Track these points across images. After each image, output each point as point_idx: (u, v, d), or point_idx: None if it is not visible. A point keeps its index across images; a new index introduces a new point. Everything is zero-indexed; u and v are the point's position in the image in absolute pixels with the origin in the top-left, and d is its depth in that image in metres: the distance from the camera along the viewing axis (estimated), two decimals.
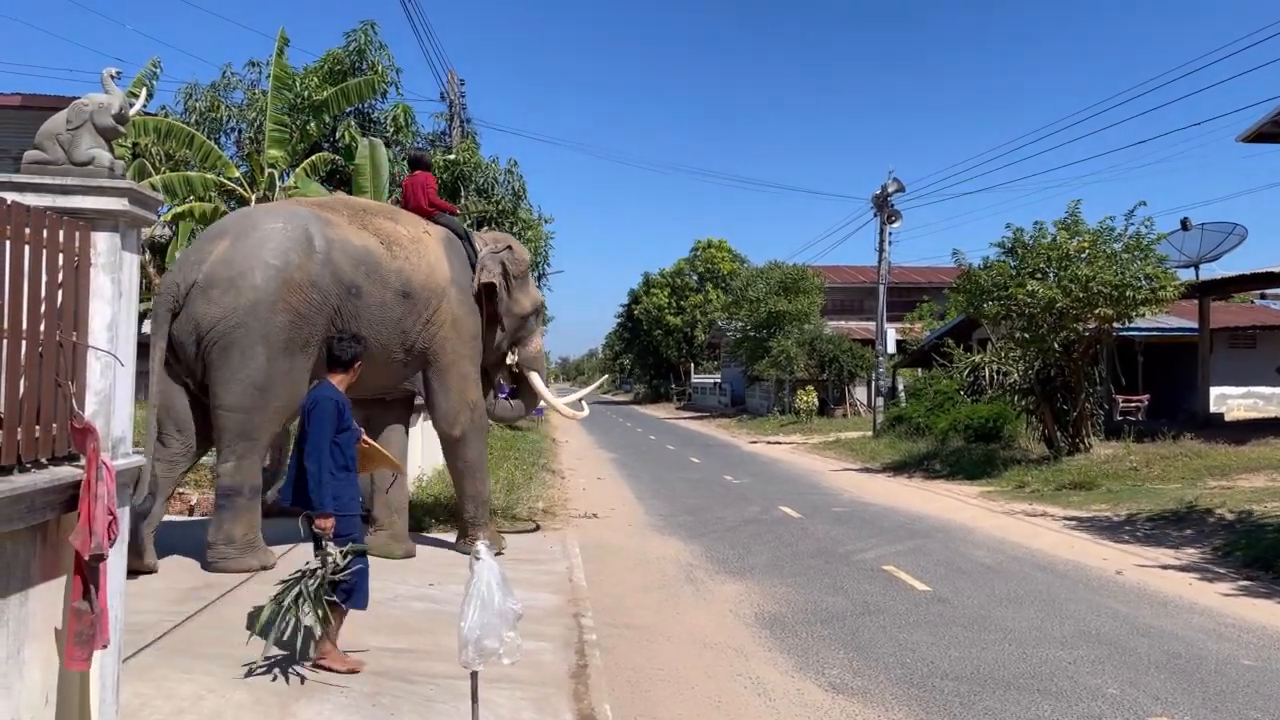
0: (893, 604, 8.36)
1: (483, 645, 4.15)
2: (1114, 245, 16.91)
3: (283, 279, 8.02)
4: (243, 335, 7.85)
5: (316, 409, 5.55)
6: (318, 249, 8.31)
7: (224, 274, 7.85)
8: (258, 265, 7.95)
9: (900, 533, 12.25)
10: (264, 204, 9.73)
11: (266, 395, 8.04)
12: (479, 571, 4.25)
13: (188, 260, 8.12)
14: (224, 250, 7.98)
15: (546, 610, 8.02)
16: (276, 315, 8.00)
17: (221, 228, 8.47)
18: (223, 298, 7.81)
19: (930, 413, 24.58)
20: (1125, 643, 7.10)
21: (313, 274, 8.19)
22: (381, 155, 17.09)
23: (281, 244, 8.12)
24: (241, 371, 7.90)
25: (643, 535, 12.09)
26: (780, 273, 43.13)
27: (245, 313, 7.84)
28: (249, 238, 8.09)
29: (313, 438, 5.49)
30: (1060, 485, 15.89)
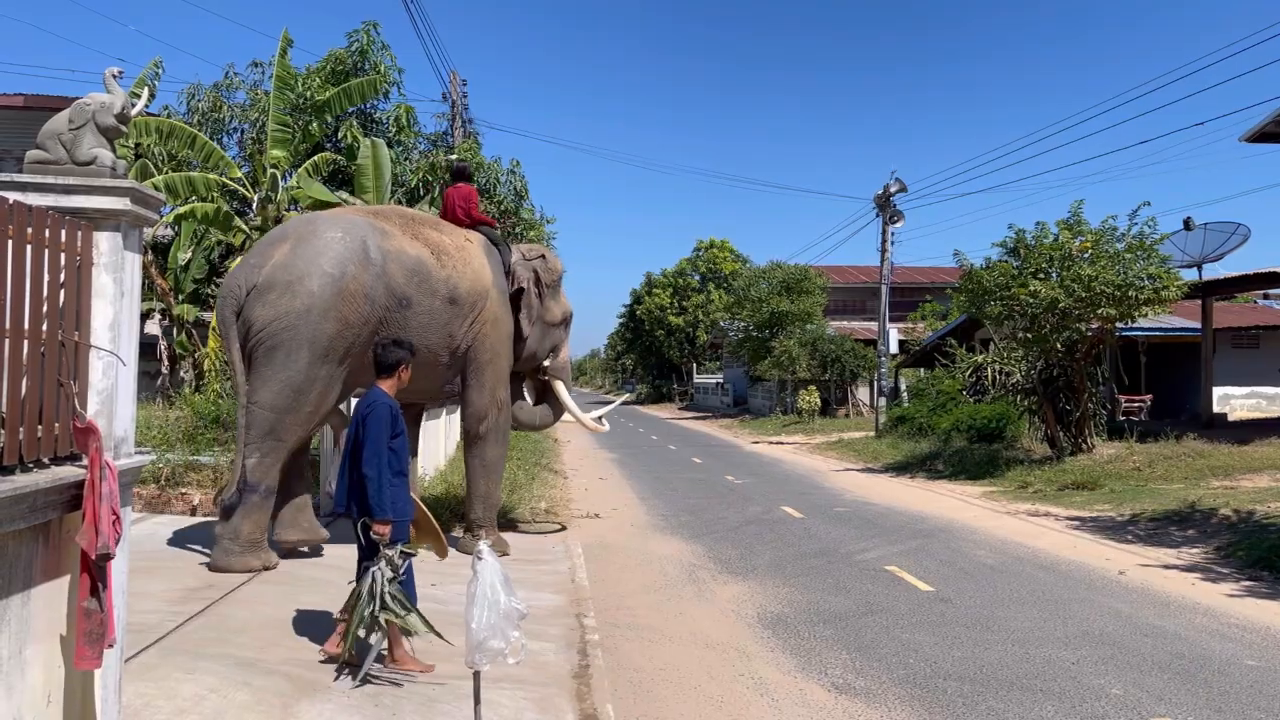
0: (895, 604, 8.35)
1: (488, 646, 4.14)
2: (1117, 245, 16.88)
3: (338, 288, 8.26)
4: (290, 337, 8.09)
5: (372, 414, 5.57)
6: (373, 260, 8.58)
7: (282, 278, 8.14)
8: (315, 272, 8.20)
9: (903, 533, 12.24)
10: (324, 211, 9.83)
11: (301, 398, 8.23)
12: (481, 572, 4.25)
13: (248, 264, 8.37)
14: (284, 255, 8.25)
15: (549, 610, 8.02)
16: (326, 323, 8.23)
17: (282, 233, 8.70)
18: (278, 301, 8.09)
19: (933, 413, 24.55)
20: (1128, 643, 7.09)
21: (367, 285, 8.47)
22: (383, 155, 17.09)
23: (339, 254, 8.37)
24: (283, 373, 8.10)
25: (645, 535, 12.09)
26: (782, 273, 43.12)
27: (297, 316, 8.09)
28: (309, 244, 8.35)
29: (371, 443, 5.51)
30: (1063, 485, 15.87)
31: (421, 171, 18.67)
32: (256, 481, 8.22)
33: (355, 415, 5.72)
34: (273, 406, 8.16)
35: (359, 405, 5.79)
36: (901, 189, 28.12)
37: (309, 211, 17.17)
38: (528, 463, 18.41)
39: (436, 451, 15.94)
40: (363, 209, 10.14)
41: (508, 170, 21.10)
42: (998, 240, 18.16)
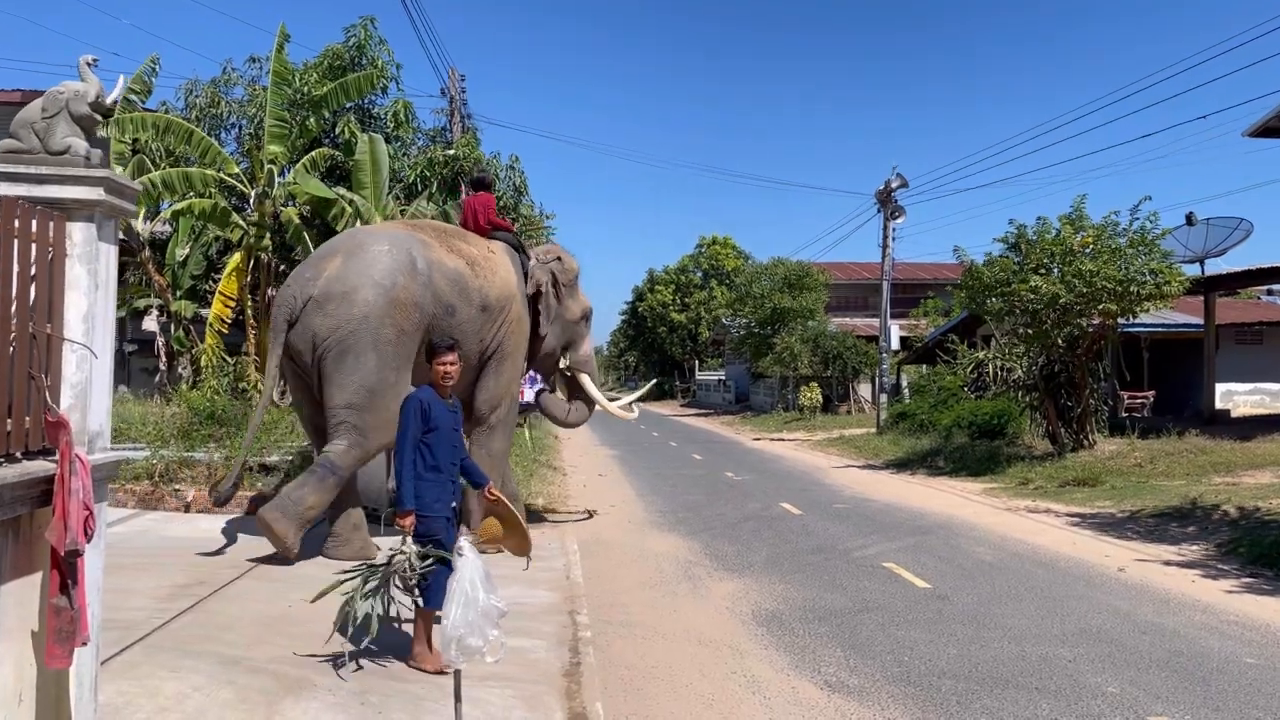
0: (892, 601, 8.28)
1: (466, 644, 4.07)
2: (1119, 240, 16.77)
3: (390, 298, 8.64)
4: (355, 342, 8.47)
5: (401, 408, 5.73)
6: (420, 270, 8.98)
7: (338, 289, 8.52)
8: (368, 283, 8.59)
9: (901, 530, 12.16)
10: (368, 227, 10.30)
11: (376, 398, 8.55)
12: (461, 568, 4.18)
13: (302, 277, 8.72)
14: (336, 268, 8.63)
15: (542, 607, 7.95)
16: (385, 329, 8.63)
17: (332, 248, 9.07)
18: (337, 310, 8.47)
19: (934, 409, 24.46)
20: (1126, 640, 7.01)
21: (416, 294, 8.85)
22: (381, 151, 17.02)
23: (389, 266, 8.76)
24: (355, 375, 8.47)
25: (642, 532, 12.02)
26: (784, 269, 43.00)
27: (358, 322, 8.47)
28: (359, 258, 8.73)
29: (397, 436, 5.66)
30: (1064, 482, 15.79)
31: (420, 167, 18.60)
32: (338, 465, 8.49)
33: None
34: (350, 405, 8.50)
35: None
36: (903, 184, 28.00)
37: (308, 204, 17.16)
38: (526, 459, 18.33)
39: None
40: (401, 223, 10.41)
41: (507, 166, 21.01)
42: (999, 235, 18.07)
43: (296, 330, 8.53)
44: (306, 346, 8.52)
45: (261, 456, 11.74)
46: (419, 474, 5.62)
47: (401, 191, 18.52)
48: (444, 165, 18.45)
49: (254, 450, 11.81)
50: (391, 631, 6.60)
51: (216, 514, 10.76)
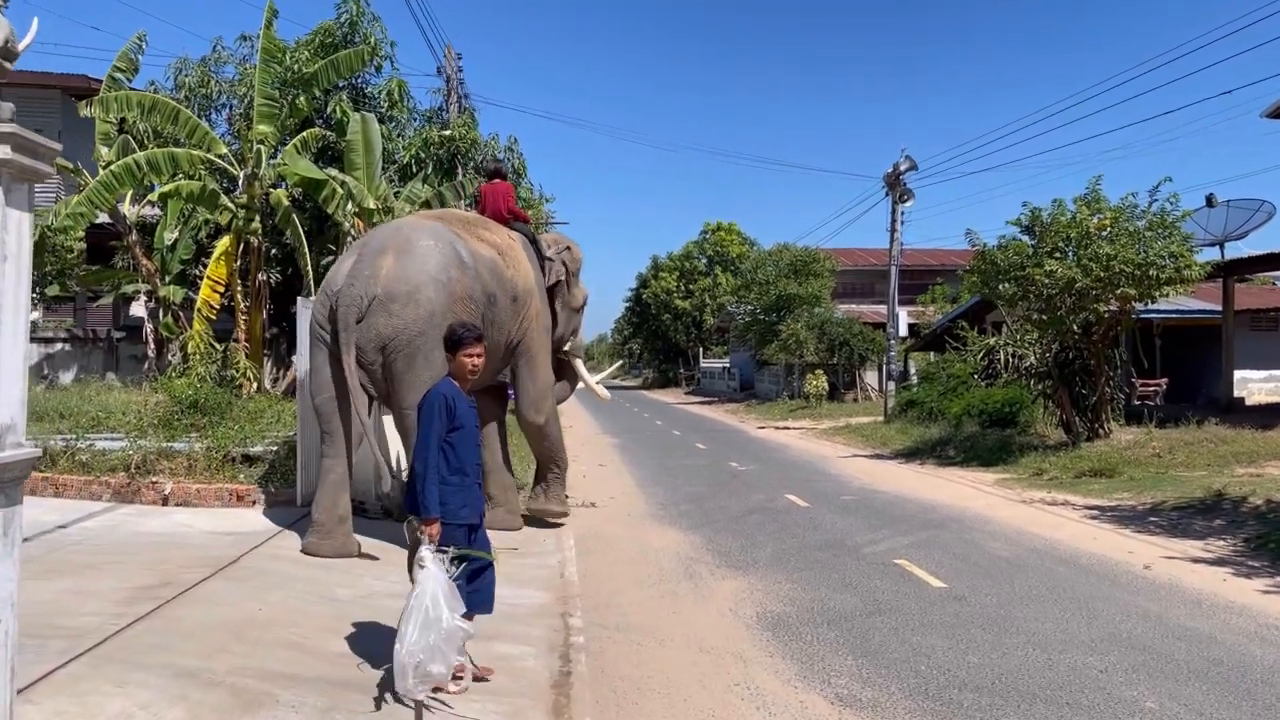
0: (905, 603, 7.78)
1: (426, 670, 3.57)
2: (1137, 223, 16.19)
3: (449, 292, 8.91)
4: (424, 342, 8.62)
5: (423, 404, 5.26)
6: (467, 263, 9.28)
7: (401, 289, 8.68)
8: (428, 281, 8.80)
9: (913, 523, 11.65)
10: (404, 220, 10.19)
11: None
12: (423, 582, 3.66)
13: (362, 275, 8.76)
14: (393, 267, 8.77)
15: (532, 609, 7.47)
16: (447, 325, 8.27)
17: (380, 244, 9.07)
18: (404, 310, 8.64)
19: (943, 397, 23.91)
20: (1160, 647, 6.50)
21: (468, 287, 9.17)
22: (374, 130, 16.47)
23: (441, 261, 9.00)
24: (426, 374, 8.48)
25: (642, 525, 11.53)
26: (790, 255, 42.40)
27: (425, 322, 8.66)
28: (411, 254, 8.89)
29: (419, 436, 5.19)
30: (1080, 473, 15.26)
31: (414, 148, 18.04)
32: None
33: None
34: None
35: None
36: (912, 167, 27.38)
37: (298, 185, 16.62)
38: (524, 448, 17.80)
39: None
40: (428, 215, 10.50)
41: (505, 147, 20.45)
42: (1012, 218, 17.48)
43: (361, 328, 8.65)
44: (371, 345, 8.69)
45: (245, 447, 11.26)
46: (442, 478, 5.15)
47: (396, 173, 17.98)
48: (439, 146, 17.90)
49: (236, 441, 11.36)
50: (370, 638, 6.12)
51: (197, 507, 10.30)
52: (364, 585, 7.77)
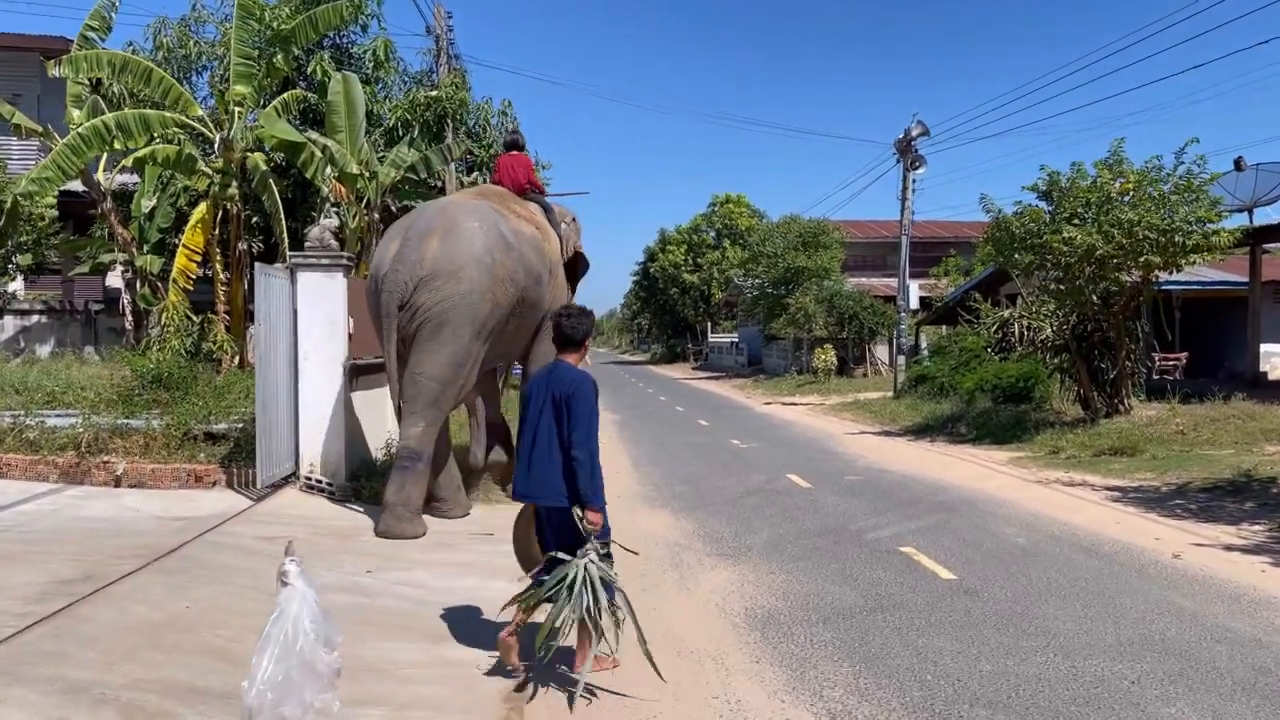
0: (911, 597, 7.03)
1: (280, 714, 2.82)
2: (1162, 186, 15.28)
3: (492, 274, 8.97)
4: (454, 316, 8.75)
5: (578, 393, 5.15)
6: (512, 245, 9.37)
7: (446, 267, 8.77)
8: (471, 262, 8.86)
9: (921, 506, 10.91)
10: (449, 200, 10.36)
11: (460, 371, 8.96)
12: (284, 602, 2.92)
13: (408, 260, 8.77)
14: (438, 247, 8.82)
15: (497, 603, 6.75)
16: (483, 304, 8.95)
17: (426, 226, 9.04)
18: (444, 286, 8.72)
19: (955, 372, 23.09)
20: (1198, 652, 5.74)
21: (511, 269, 9.24)
22: (356, 91, 15.66)
23: (486, 243, 9.03)
24: (449, 347, 8.76)
25: (631, 508, 10.80)
26: (799, 227, 41.44)
27: (461, 298, 8.75)
28: (457, 236, 8.94)
29: (584, 424, 5.12)
30: (1099, 451, 14.45)
31: (400, 110, 17.21)
32: (422, 450, 8.78)
33: (545, 393, 5.24)
34: (438, 378, 8.79)
35: (552, 382, 5.26)
36: (924, 133, 26.39)
37: (277, 149, 15.85)
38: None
39: None
40: (469, 192, 10.60)
41: (499, 111, 19.64)
42: (1029, 184, 16.57)
43: (405, 311, 8.74)
44: (408, 318, 8.76)
45: (208, 424, 10.57)
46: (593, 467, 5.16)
47: (381, 137, 17.18)
48: (426, 107, 17.06)
49: (199, 417, 10.68)
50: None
51: (151, 489, 9.64)
52: (314, 578, 7.05)
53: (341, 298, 10.32)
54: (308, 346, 10.19)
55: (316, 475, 10.10)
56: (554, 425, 5.16)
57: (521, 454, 5.33)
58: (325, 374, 10.24)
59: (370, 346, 11.84)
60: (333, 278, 10.26)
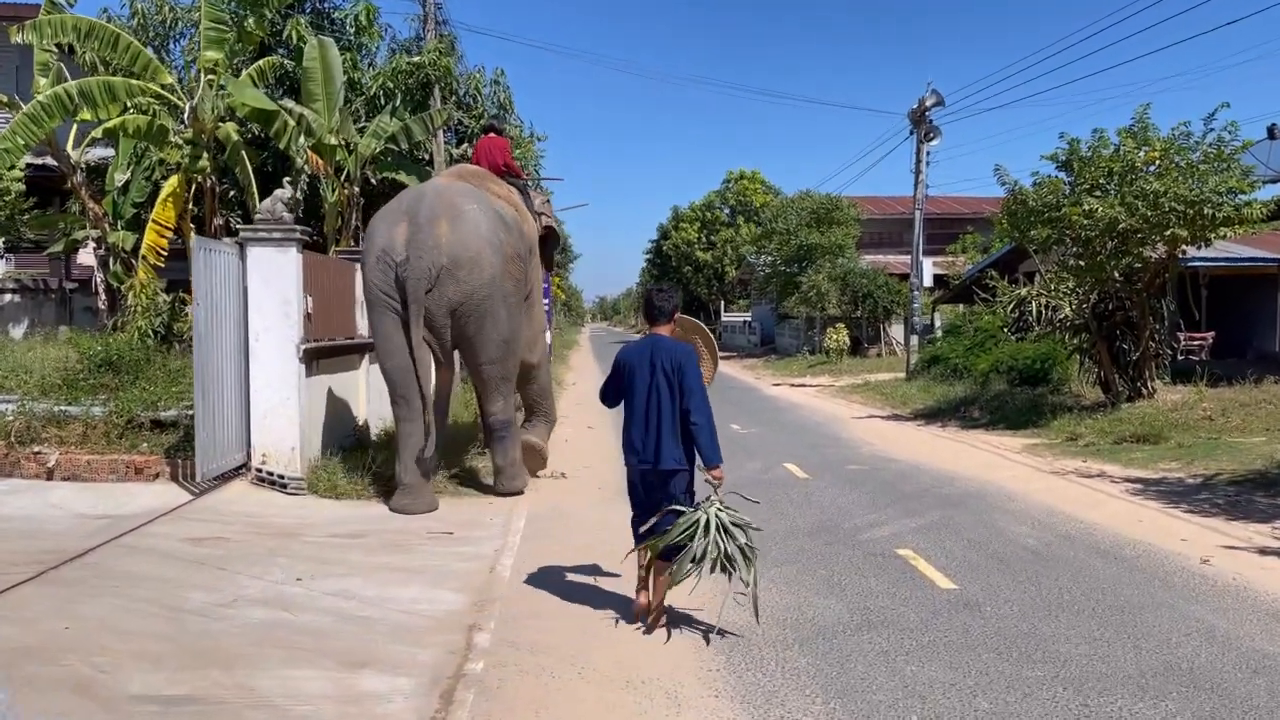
0: (904, 612, 6.22)
1: None
2: (1190, 155, 14.28)
3: (503, 255, 9.53)
4: (491, 304, 9.37)
5: (689, 362, 5.64)
6: (510, 224, 10.00)
7: (464, 255, 9.14)
8: (485, 246, 9.31)
9: (925, 500, 10.08)
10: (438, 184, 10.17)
11: (511, 345, 9.84)
12: None
13: (425, 246, 9.02)
14: (450, 233, 9.15)
15: (435, 619, 6.00)
16: (504, 284, 9.57)
17: (431, 212, 9.22)
18: (469, 276, 9.17)
19: (969, 352, 22.13)
20: (1234, 687, 4.91)
21: (515, 246, 9.93)
22: (334, 57, 14.84)
23: (491, 225, 9.51)
24: (495, 332, 9.49)
25: (610, 502, 10.00)
26: (812, 202, 40.37)
27: (489, 285, 9.32)
28: (464, 220, 9.30)
29: (698, 391, 5.62)
30: (1120, 438, 13.55)
31: (382, 78, 16.35)
32: (511, 418, 9.98)
33: (650, 366, 5.68)
34: (497, 359, 9.63)
35: (656, 355, 5.70)
36: (939, 102, 25.29)
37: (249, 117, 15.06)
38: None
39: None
40: (449, 173, 10.86)
41: (491, 80, 18.76)
42: (1047, 153, 15.57)
43: (432, 295, 9.03)
44: (441, 311, 9.14)
45: (155, 411, 9.84)
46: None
47: (364, 105, 16.34)
48: (409, 75, 16.20)
49: (146, 404, 9.96)
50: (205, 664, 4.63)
51: (86, 481, 8.94)
52: (234, 587, 6.33)
53: (296, 274, 9.55)
54: (259, 327, 9.45)
55: (269, 467, 9.37)
56: (669, 395, 5.63)
57: (635, 424, 5.75)
58: (279, 357, 9.49)
59: (334, 328, 11.08)
60: (285, 253, 9.49)
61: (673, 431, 5.62)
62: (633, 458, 5.78)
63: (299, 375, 9.54)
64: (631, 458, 5.79)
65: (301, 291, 9.62)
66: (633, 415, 5.75)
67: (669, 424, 5.62)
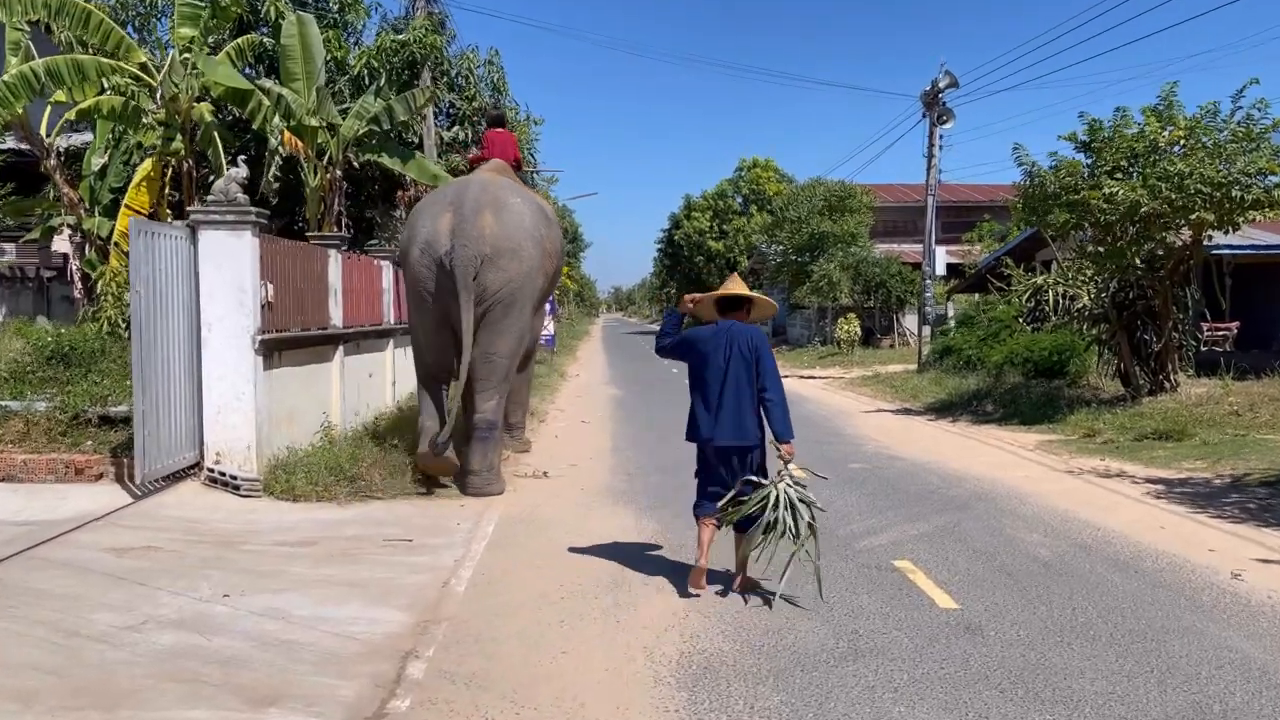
0: (897, 637, 5.52)
1: None
2: (1217, 135, 13.46)
3: (542, 249, 9.67)
4: (520, 296, 9.40)
5: (764, 345, 6.14)
6: (550, 219, 10.28)
7: (507, 246, 9.24)
8: (528, 239, 9.45)
9: (930, 503, 9.37)
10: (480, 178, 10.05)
11: (521, 343, 9.85)
12: None
13: (470, 236, 9.06)
14: (494, 225, 9.22)
15: (371, 643, 5.35)
16: (537, 279, 9.70)
17: (476, 204, 9.29)
18: (509, 265, 9.24)
19: (983, 344, 21.33)
20: None
21: (554, 241, 10.22)
22: (313, 35, 14.20)
23: (534, 219, 9.67)
24: (515, 325, 9.46)
25: (591, 505, 9.35)
26: (824, 190, 39.52)
27: (524, 277, 9.38)
28: (509, 213, 9.40)
29: (773, 372, 6.13)
30: (1140, 434, 12.77)
31: (366, 57, 15.67)
32: (497, 420, 9.61)
33: (729, 349, 6.08)
34: (509, 354, 9.54)
35: (735, 339, 6.12)
36: (952, 84, 24.44)
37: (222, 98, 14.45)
38: None
39: (356, 397, 13.32)
40: (488, 168, 10.58)
41: (485, 61, 18.06)
42: (1066, 133, 14.75)
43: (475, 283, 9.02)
44: (476, 299, 9.10)
45: (104, 406, 9.23)
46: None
47: (347, 86, 15.68)
48: (393, 53, 15.52)
49: (94, 399, 9.35)
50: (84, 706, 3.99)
51: (21, 482, 8.38)
52: (150, 606, 5.70)
53: (251, 260, 8.91)
54: (212, 316, 8.82)
55: (222, 467, 8.74)
56: (747, 375, 6.05)
57: (709, 405, 6.11)
58: (234, 348, 8.86)
59: (301, 318, 10.46)
60: (240, 237, 8.85)
61: (751, 409, 6.06)
62: (707, 436, 6.13)
63: (255, 368, 8.91)
64: (705, 436, 6.14)
65: (258, 278, 8.98)
66: (706, 396, 6.13)
67: (748, 402, 6.05)
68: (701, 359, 6.14)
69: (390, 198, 16.85)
